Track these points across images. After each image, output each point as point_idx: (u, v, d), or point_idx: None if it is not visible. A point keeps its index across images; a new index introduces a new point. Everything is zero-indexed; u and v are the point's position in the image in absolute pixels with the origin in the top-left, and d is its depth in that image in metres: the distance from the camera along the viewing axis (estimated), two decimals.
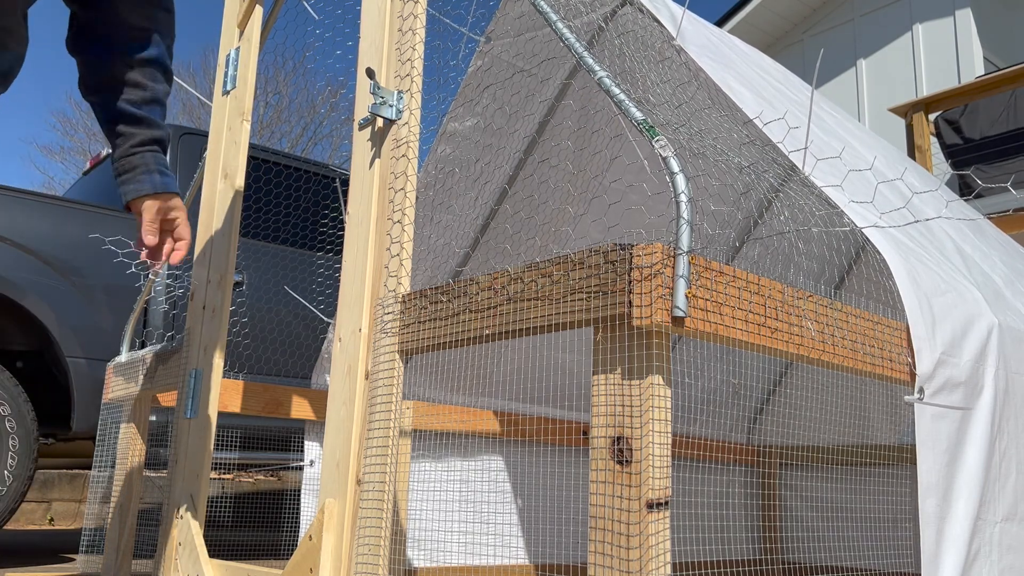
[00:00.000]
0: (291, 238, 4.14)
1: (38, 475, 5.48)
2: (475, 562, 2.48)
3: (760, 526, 3.16)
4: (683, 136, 1.33)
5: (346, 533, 1.47)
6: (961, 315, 1.62)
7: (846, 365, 1.43)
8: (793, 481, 3.17)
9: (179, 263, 1.52)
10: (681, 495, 2.88)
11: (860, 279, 3.12)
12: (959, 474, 1.54)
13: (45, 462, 4.55)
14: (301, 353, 3.98)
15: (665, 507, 1.09)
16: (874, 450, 2.87)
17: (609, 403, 1.14)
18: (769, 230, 2.97)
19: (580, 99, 2.61)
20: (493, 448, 2.63)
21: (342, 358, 1.57)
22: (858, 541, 2.93)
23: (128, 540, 2.39)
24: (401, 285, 1.52)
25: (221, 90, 2.30)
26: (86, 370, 3.34)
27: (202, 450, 2.00)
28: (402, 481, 1.44)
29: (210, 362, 2.07)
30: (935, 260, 1.73)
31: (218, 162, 2.24)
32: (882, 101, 6.69)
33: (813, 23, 7.50)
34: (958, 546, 1.49)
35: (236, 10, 2.32)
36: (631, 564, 1.06)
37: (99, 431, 2.73)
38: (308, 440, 2.63)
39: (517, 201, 2.63)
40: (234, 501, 5.42)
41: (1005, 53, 6.50)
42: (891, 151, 2.58)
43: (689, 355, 2.96)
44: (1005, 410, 1.66)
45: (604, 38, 2.13)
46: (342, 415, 1.53)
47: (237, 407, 2.45)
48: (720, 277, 1.20)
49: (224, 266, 2.12)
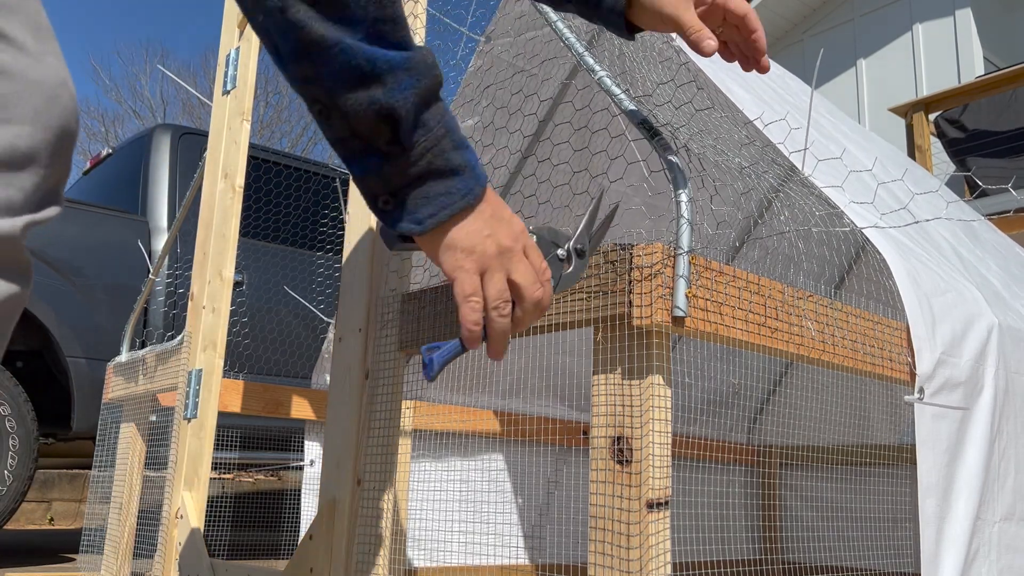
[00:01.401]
0: (291, 238, 4.14)
1: (38, 475, 5.49)
2: (475, 562, 2.48)
3: (760, 526, 3.16)
4: (683, 136, 1.33)
5: (346, 533, 1.47)
6: (961, 315, 1.62)
7: (846, 365, 1.43)
8: (793, 481, 3.17)
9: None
10: (681, 495, 2.88)
11: (860, 279, 3.12)
12: (959, 474, 1.54)
13: (45, 462, 4.55)
14: (301, 353, 3.98)
15: (665, 507, 1.09)
16: (874, 450, 2.87)
17: (609, 403, 1.14)
18: (769, 230, 2.97)
19: (580, 99, 2.61)
20: (493, 448, 2.63)
21: (342, 358, 1.57)
22: (858, 541, 2.93)
23: (128, 540, 2.39)
24: (401, 284, 1.52)
25: (221, 90, 2.30)
26: (86, 370, 3.34)
27: (202, 450, 2.00)
28: (402, 481, 1.44)
29: (210, 362, 2.07)
30: (935, 260, 1.74)
31: (218, 162, 2.24)
32: (882, 101, 6.69)
33: (813, 23, 7.50)
34: (958, 546, 1.50)
35: (236, 10, 2.32)
36: (631, 564, 1.06)
37: (99, 431, 2.73)
38: (308, 440, 2.63)
39: (517, 201, 2.63)
40: (234, 501, 5.42)
41: (1005, 53, 6.50)
42: (890, 152, 2.58)
43: (689, 355, 2.96)
44: (1005, 410, 1.66)
45: (604, 38, 2.13)
46: (342, 415, 1.53)
47: (237, 407, 2.45)
48: (720, 277, 1.20)
49: (224, 266, 2.12)
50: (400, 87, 0.75)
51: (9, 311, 0.62)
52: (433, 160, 0.78)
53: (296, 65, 0.75)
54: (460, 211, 0.80)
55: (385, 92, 0.74)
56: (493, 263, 0.83)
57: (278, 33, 0.74)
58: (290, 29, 0.73)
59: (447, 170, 0.79)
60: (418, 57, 0.77)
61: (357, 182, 0.80)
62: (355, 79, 0.74)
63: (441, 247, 0.82)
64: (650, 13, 1.08)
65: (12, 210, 0.62)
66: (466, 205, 0.80)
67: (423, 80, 0.77)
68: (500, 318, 0.84)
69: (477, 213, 0.82)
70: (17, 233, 0.62)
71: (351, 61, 0.73)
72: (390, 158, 0.77)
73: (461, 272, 0.82)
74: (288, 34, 0.73)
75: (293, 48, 0.74)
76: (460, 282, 0.83)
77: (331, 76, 0.74)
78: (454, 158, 0.79)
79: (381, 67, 0.74)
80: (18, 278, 0.63)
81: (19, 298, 0.63)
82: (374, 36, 0.74)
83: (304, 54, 0.74)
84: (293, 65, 0.75)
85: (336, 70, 0.74)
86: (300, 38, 0.73)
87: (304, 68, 0.74)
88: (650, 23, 1.09)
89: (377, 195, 0.80)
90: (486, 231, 0.83)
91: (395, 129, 0.76)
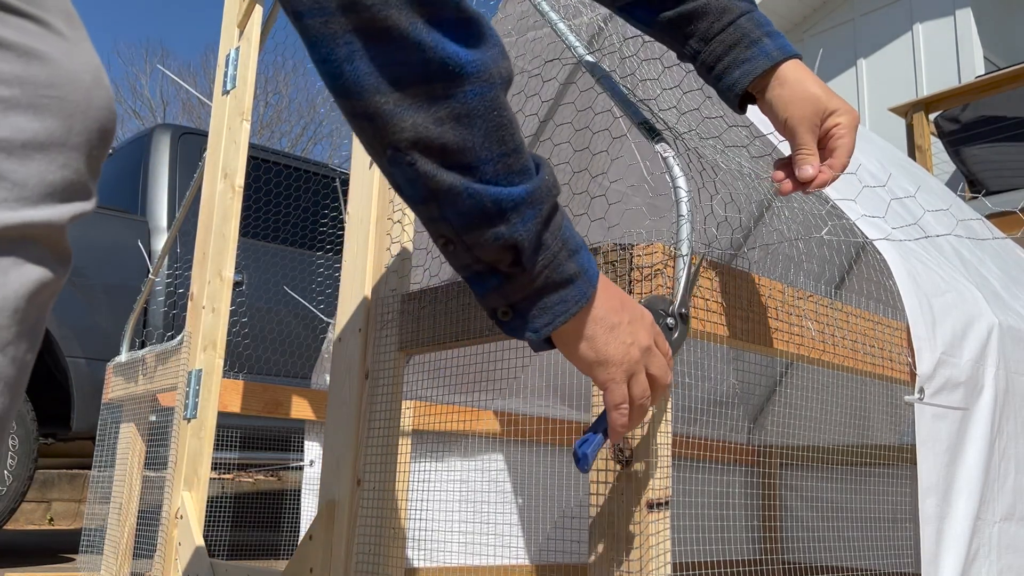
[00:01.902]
0: (291, 238, 4.14)
1: (38, 475, 5.48)
2: (475, 562, 2.48)
3: (760, 526, 3.16)
4: (684, 137, 1.33)
5: (346, 533, 1.47)
6: (961, 315, 1.62)
7: (846, 365, 1.43)
8: (793, 481, 3.17)
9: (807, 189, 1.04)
10: (681, 495, 2.88)
11: (860, 279, 3.12)
12: (959, 474, 1.54)
13: (45, 462, 4.55)
14: (301, 353, 3.98)
15: (665, 507, 1.09)
16: (874, 450, 2.87)
17: None
18: (770, 230, 2.97)
19: (581, 100, 2.61)
20: (493, 448, 2.63)
21: (342, 358, 1.57)
22: (858, 541, 2.93)
23: (128, 540, 2.39)
24: (401, 284, 1.52)
25: (221, 90, 2.30)
26: (86, 370, 3.34)
27: (201, 450, 2.00)
28: (402, 481, 1.44)
29: (210, 362, 2.07)
30: (935, 260, 1.73)
31: (218, 162, 2.24)
32: (882, 101, 6.69)
33: (813, 23, 7.50)
34: (958, 546, 1.50)
35: (236, 10, 2.32)
36: (631, 564, 1.06)
37: (99, 431, 2.73)
38: (308, 440, 2.63)
39: None
40: (234, 501, 5.42)
41: (1005, 53, 6.50)
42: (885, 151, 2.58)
43: (689, 355, 2.96)
44: (1005, 410, 1.66)
45: (604, 38, 2.13)
46: (342, 415, 1.53)
47: (237, 407, 2.45)
48: (720, 277, 1.20)
49: (224, 266, 2.12)
50: (524, 221, 0.77)
51: (47, 297, 0.63)
52: (550, 275, 0.81)
53: (423, 206, 0.76)
54: (573, 316, 0.83)
55: (509, 228, 0.77)
56: (637, 367, 0.88)
57: (405, 180, 0.75)
58: (418, 178, 0.74)
59: (562, 281, 0.82)
60: (540, 184, 0.79)
61: (479, 299, 0.83)
62: (481, 219, 0.76)
63: (593, 363, 0.86)
64: (772, 112, 1.07)
65: (61, 196, 0.63)
66: (579, 310, 0.84)
67: (544, 206, 0.79)
68: (642, 411, 0.90)
69: (605, 315, 0.86)
70: (64, 221, 0.63)
71: (478, 205, 0.75)
72: (511, 278, 0.80)
73: (613, 384, 0.87)
74: (416, 183, 0.74)
75: (421, 195, 0.75)
76: (612, 392, 0.88)
77: (457, 216, 0.76)
78: (569, 268, 0.82)
79: (506, 206, 0.76)
80: (58, 267, 0.64)
81: (56, 285, 0.64)
82: (501, 171, 0.75)
83: (432, 198, 0.75)
84: (420, 206, 0.77)
85: (463, 211, 0.75)
86: (429, 186, 0.74)
87: (431, 209, 0.76)
88: (769, 118, 1.09)
89: (496, 308, 0.83)
90: (628, 339, 0.87)
91: (517, 256, 0.79)
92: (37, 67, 0.61)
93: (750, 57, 1.06)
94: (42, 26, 0.62)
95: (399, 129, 0.71)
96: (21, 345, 0.61)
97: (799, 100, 1.04)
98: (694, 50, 1.09)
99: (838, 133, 1.04)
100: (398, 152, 0.72)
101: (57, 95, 0.62)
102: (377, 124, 0.71)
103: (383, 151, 0.73)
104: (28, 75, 0.61)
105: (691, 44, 1.09)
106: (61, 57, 0.63)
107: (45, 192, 0.61)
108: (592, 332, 0.85)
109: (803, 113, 1.04)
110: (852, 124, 1.05)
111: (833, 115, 1.05)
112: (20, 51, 0.61)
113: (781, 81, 1.05)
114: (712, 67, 1.08)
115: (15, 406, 0.62)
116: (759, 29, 1.06)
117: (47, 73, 0.62)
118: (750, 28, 1.06)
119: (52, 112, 0.62)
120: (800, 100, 1.04)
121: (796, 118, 1.04)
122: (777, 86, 1.05)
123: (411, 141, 0.72)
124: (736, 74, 1.06)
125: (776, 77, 1.06)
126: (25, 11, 0.61)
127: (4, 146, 0.59)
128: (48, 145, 0.62)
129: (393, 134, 0.71)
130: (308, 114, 18.69)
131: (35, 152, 0.61)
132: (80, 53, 0.65)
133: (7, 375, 0.60)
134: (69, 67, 0.63)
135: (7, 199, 0.59)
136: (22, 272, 0.60)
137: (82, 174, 0.64)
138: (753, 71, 1.05)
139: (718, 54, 1.07)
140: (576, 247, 0.83)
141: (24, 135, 0.60)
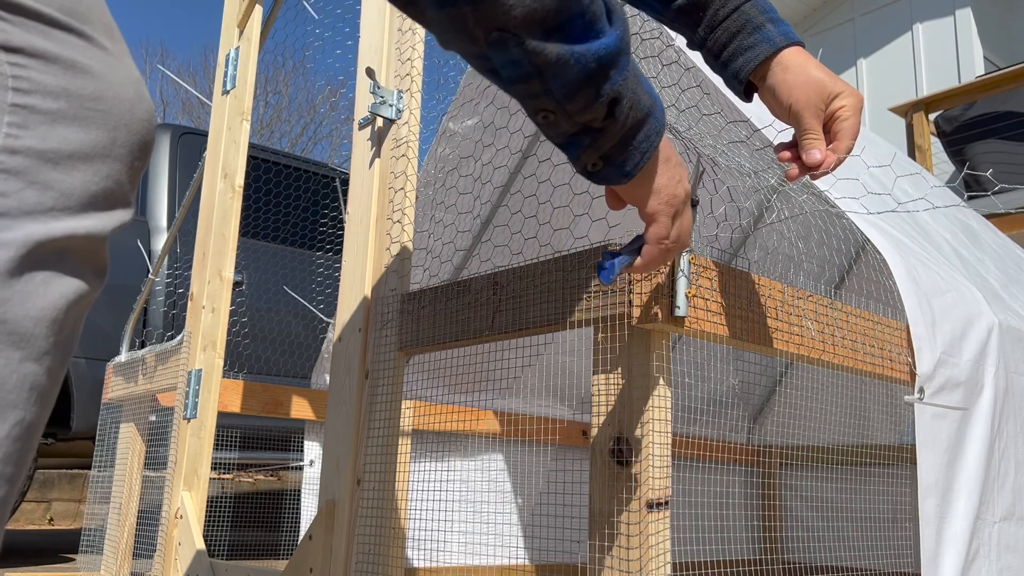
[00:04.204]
0: (291, 238, 4.14)
1: (38, 475, 5.48)
2: (475, 562, 2.48)
3: (760, 526, 3.16)
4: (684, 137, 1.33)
5: (346, 533, 1.47)
6: (961, 315, 1.62)
7: (846, 365, 1.43)
8: (793, 481, 3.17)
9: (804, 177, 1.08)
10: (681, 495, 2.88)
11: (860, 279, 3.12)
12: (959, 474, 1.54)
13: (45, 462, 4.55)
14: (301, 353, 3.98)
15: (665, 507, 1.09)
16: (874, 450, 2.87)
17: (609, 403, 1.14)
18: (770, 230, 2.97)
19: None
20: (493, 448, 2.63)
21: (342, 358, 1.57)
22: (858, 541, 2.93)
23: (128, 540, 2.39)
24: (401, 284, 1.52)
25: (221, 90, 2.30)
26: (86, 370, 3.34)
27: (201, 450, 2.00)
28: (402, 481, 1.44)
29: (210, 362, 2.07)
30: (935, 260, 1.73)
31: (218, 162, 2.24)
32: (882, 101, 6.69)
33: (813, 23, 7.49)
34: (957, 546, 1.49)
35: (236, 10, 2.32)
36: (631, 564, 1.06)
37: (99, 431, 2.73)
38: (308, 440, 2.63)
39: (517, 201, 2.63)
40: (234, 501, 5.42)
41: (1005, 53, 6.50)
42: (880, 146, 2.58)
43: (689, 355, 2.96)
44: (1005, 410, 1.66)
45: None
46: (342, 415, 1.53)
47: (237, 407, 2.45)
48: (720, 277, 1.20)
49: (224, 266, 2.12)
50: (620, 70, 0.76)
51: (82, 310, 0.64)
52: (634, 114, 0.80)
53: (524, 85, 0.75)
54: (656, 148, 0.84)
55: (609, 83, 0.76)
56: (682, 207, 0.90)
57: (507, 61, 0.73)
58: (524, 57, 0.72)
59: (643, 117, 0.81)
60: (624, 27, 0.77)
61: (572, 160, 0.82)
62: (587, 83, 0.75)
63: (649, 192, 0.87)
64: (775, 98, 1.06)
65: (103, 205, 0.64)
66: (659, 141, 0.84)
67: (630, 50, 0.79)
68: (674, 252, 0.93)
69: (663, 146, 0.86)
70: (107, 232, 0.64)
71: (584, 69, 0.74)
72: (603, 131, 0.79)
73: (662, 217, 0.89)
74: (520, 62, 0.73)
75: (524, 72, 0.73)
76: (659, 224, 0.89)
77: (561, 87, 0.75)
78: (644, 100, 0.81)
79: (607, 61, 0.75)
80: (94, 279, 0.65)
81: (91, 297, 0.65)
82: (591, 20, 0.74)
83: (535, 75, 0.74)
84: (520, 86, 0.75)
85: (568, 80, 0.74)
86: (535, 62, 0.72)
87: (533, 86, 0.75)
88: (771, 106, 1.08)
89: (587, 162, 0.82)
90: (677, 176, 0.88)
91: (612, 109, 0.78)
92: (83, 80, 0.63)
93: (753, 44, 1.06)
94: (87, 40, 0.63)
95: (507, 8, 0.70)
96: (56, 357, 0.61)
97: (803, 85, 1.04)
98: (701, 38, 1.09)
99: (843, 115, 1.04)
100: (504, 32, 0.71)
101: (103, 108, 0.63)
102: (482, 8, 0.70)
103: (486, 35, 0.71)
104: (74, 88, 0.62)
105: (699, 32, 1.09)
106: (105, 71, 0.64)
107: (88, 202, 0.62)
108: (656, 159, 0.86)
109: (807, 97, 1.04)
110: (856, 106, 1.05)
111: (837, 98, 1.04)
112: (66, 64, 0.62)
113: (784, 67, 1.05)
114: (718, 55, 1.08)
115: (46, 416, 0.63)
116: (763, 15, 1.06)
117: (93, 86, 0.63)
118: (754, 14, 1.06)
119: (97, 124, 0.63)
120: (804, 85, 1.04)
121: (801, 103, 1.04)
122: (780, 72, 1.05)
123: (520, 18, 0.70)
124: (740, 61, 1.06)
125: (779, 63, 1.05)
126: (71, 26, 0.63)
127: (51, 157, 0.61)
128: (93, 156, 0.63)
129: (503, 14, 0.70)
130: (308, 114, 18.69)
131: (80, 163, 0.62)
132: (123, 67, 0.66)
133: (41, 385, 0.60)
134: (113, 80, 0.65)
135: (53, 208, 0.60)
136: (62, 283, 0.61)
137: (123, 185, 0.65)
138: (756, 57, 1.05)
139: (723, 42, 1.07)
140: (639, 73, 0.82)
141: (70, 146, 0.62)
